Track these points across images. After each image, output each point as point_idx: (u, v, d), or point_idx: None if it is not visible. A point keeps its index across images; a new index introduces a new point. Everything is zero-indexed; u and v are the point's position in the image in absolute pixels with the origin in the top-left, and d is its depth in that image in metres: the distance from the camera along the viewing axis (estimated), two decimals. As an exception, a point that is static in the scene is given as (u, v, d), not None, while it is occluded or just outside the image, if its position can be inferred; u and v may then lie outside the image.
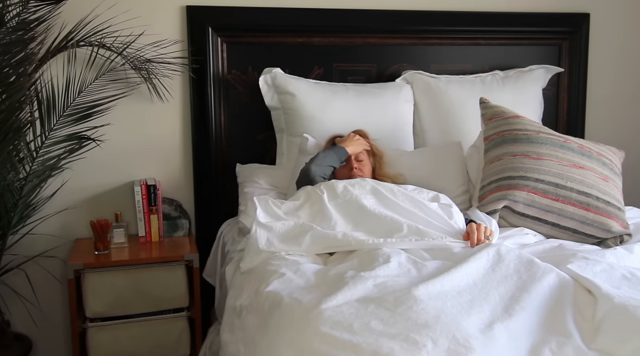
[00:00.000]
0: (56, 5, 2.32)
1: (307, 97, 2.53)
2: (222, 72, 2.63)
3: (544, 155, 2.18)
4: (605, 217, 2.11)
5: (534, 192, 2.12)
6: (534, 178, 2.13)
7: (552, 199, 2.11)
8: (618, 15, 3.11)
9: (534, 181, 2.12)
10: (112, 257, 2.39)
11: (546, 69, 2.88)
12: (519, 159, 2.17)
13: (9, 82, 2.14)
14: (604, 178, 2.19)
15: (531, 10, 2.94)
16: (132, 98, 2.56)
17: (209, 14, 2.58)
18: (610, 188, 2.18)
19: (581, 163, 2.19)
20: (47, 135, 2.36)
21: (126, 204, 2.62)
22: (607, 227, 2.11)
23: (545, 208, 2.12)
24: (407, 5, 2.82)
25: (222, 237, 2.48)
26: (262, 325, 1.52)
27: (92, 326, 2.36)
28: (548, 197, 2.11)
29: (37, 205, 2.44)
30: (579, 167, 2.17)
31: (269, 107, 2.59)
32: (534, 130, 2.27)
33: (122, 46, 2.42)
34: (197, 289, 2.44)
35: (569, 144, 2.24)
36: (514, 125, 2.29)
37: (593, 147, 2.28)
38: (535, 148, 2.19)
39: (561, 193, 2.11)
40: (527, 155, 2.18)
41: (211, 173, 2.66)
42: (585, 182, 2.14)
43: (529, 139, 2.22)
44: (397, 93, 2.68)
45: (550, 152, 2.19)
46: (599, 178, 2.17)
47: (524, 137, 2.23)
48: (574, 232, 2.12)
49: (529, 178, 2.13)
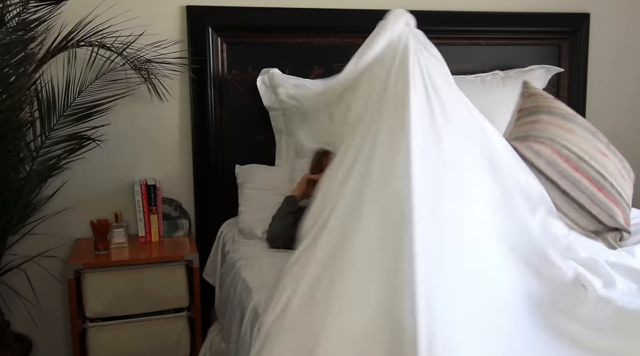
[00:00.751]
0: (56, 6, 2.32)
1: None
2: (222, 72, 2.63)
3: (576, 133, 2.22)
4: (613, 203, 2.14)
5: (557, 153, 2.14)
6: (561, 143, 2.16)
7: (572, 167, 2.14)
8: (618, 15, 3.12)
9: (561, 146, 2.16)
10: (112, 257, 2.39)
11: (546, 69, 2.89)
12: (551, 127, 2.21)
13: (9, 82, 2.14)
14: (622, 175, 2.23)
15: (531, 10, 2.95)
16: (132, 98, 2.56)
17: (209, 14, 2.58)
18: (626, 185, 2.23)
19: (607, 153, 2.23)
20: (47, 135, 2.36)
21: (126, 204, 2.62)
22: (612, 214, 2.13)
23: (563, 173, 2.14)
24: (407, 5, 2.79)
25: (222, 237, 2.48)
26: None
27: (92, 326, 2.36)
28: (569, 163, 2.14)
29: (37, 205, 2.44)
30: (603, 155, 2.21)
31: (267, 107, 2.59)
32: (571, 112, 2.32)
33: (122, 46, 2.42)
34: (197, 289, 2.44)
35: (598, 135, 2.28)
36: (553, 103, 2.34)
37: (617, 150, 2.32)
38: (568, 125, 2.24)
39: (582, 166, 2.14)
40: (559, 126, 2.22)
41: (211, 173, 2.66)
42: (606, 167, 2.18)
43: (565, 116, 2.27)
44: None
45: (582, 133, 2.23)
46: (618, 172, 2.22)
47: (559, 113, 2.28)
48: (580, 206, 2.14)
49: (556, 142, 2.16)
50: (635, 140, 3.21)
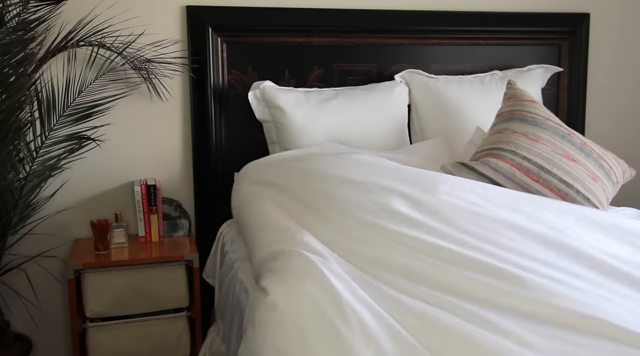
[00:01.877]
0: (56, 5, 2.32)
1: (296, 111, 2.50)
2: (222, 72, 2.63)
3: (541, 139, 2.24)
4: None
5: (517, 167, 2.17)
6: (522, 155, 2.19)
7: (532, 179, 2.17)
8: (618, 15, 3.12)
9: (521, 158, 2.19)
10: (112, 257, 2.39)
11: (545, 68, 2.89)
12: (516, 136, 2.25)
13: (9, 82, 2.14)
14: (594, 177, 2.23)
15: (531, 10, 2.95)
16: (132, 98, 2.57)
17: (209, 14, 2.58)
18: (597, 188, 2.22)
19: (576, 157, 2.24)
20: (47, 135, 2.36)
21: (126, 204, 2.62)
22: None
23: (524, 185, 2.17)
24: (407, 5, 2.82)
25: (222, 237, 2.48)
26: None
27: (92, 326, 2.36)
28: (529, 176, 2.17)
29: (37, 205, 2.44)
30: (571, 159, 2.22)
31: (260, 120, 2.59)
32: (543, 116, 2.33)
33: (122, 46, 2.42)
34: (197, 289, 2.44)
35: (571, 137, 2.29)
36: (527, 107, 2.35)
37: (596, 149, 2.32)
38: (536, 131, 2.26)
39: (543, 176, 2.17)
40: (525, 135, 2.25)
41: (211, 173, 2.66)
42: (571, 173, 2.19)
43: (534, 122, 2.29)
44: (389, 94, 2.67)
45: (549, 138, 2.25)
46: (588, 175, 2.22)
47: (530, 119, 2.30)
48: None
49: (517, 154, 2.19)
50: (636, 140, 3.22)
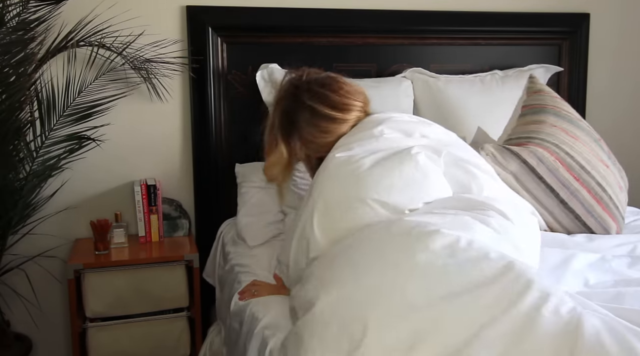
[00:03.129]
0: (56, 5, 2.32)
1: None
2: (222, 72, 2.63)
3: (580, 139, 2.20)
4: (609, 217, 2.13)
5: (561, 161, 2.12)
6: (565, 151, 2.14)
7: (573, 176, 2.12)
8: (618, 15, 3.12)
9: (565, 153, 2.13)
10: (112, 257, 2.39)
11: (545, 68, 2.89)
12: (557, 130, 2.18)
13: (9, 82, 2.14)
14: (620, 187, 2.22)
15: (531, 10, 2.94)
16: (132, 98, 2.56)
17: (209, 14, 2.58)
18: (623, 196, 2.22)
19: (608, 163, 2.22)
20: (47, 135, 2.36)
21: (126, 204, 2.62)
22: (607, 227, 2.12)
23: (564, 182, 2.11)
24: (407, 5, 2.82)
25: (222, 237, 2.48)
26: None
27: (92, 326, 2.36)
28: (571, 173, 2.12)
29: (37, 205, 2.44)
30: (605, 165, 2.20)
31: (266, 102, 2.58)
32: (577, 116, 2.29)
33: (122, 46, 2.42)
34: (197, 289, 2.44)
35: (601, 143, 2.27)
36: (560, 104, 2.31)
37: (616, 159, 2.31)
38: (574, 130, 2.21)
39: (583, 176, 2.12)
40: (565, 131, 2.19)
41: (211, 173, 2.66)
42: (606, 178, 2.16)
43: (571, 120, 2.24)
44: (397, 88, 2.68)
45: (586, 140, 2.21)
46: (616, 183, 2.21)
47: (566, 116, 2.25)
48: (576, 216, 2.13)
49: (561, 148, 2.14)
50: (635, 140, 3.22)
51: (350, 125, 1.82)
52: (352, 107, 1.83)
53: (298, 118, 1.82)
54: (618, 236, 2.08)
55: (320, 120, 1.79)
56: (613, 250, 1.93)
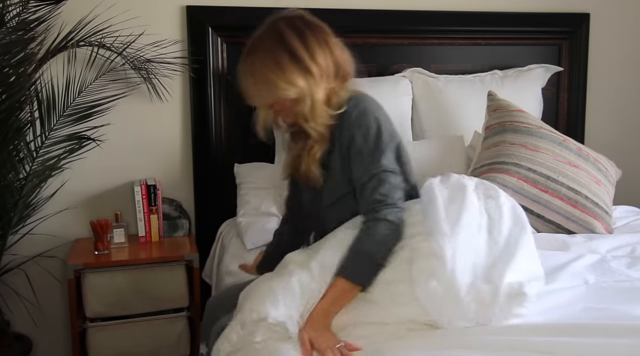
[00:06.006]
0: (56, 5, 2.32)
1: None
2: (222, 72, 2.63)
3: (541, 149, 2.21)
4: (591, 217, 2.13)
5: (524, 179, 2.14)
6: (526, 167, 2.16)
7: (541, 190, 2.13)
8: (618, 15, 3.11)
9: (526, 170, 2.15)
10: (112, 256, 2.39)
11: (545, 68, 2.89)
12: (515, 148, 2.21)
13: (9, 82, 2.14)
14: (597, 181, 2.21)
15: (531, 10, 2.94)
16: (132, 98, 2.56)
17: (209, 14, 2.58)
18: (601, 191, 2.21)
19: (576, 162, 2.21)
20: (47, 135, 2.36)
21: (126, 204, 2.62)
22: (591, 227, 2.13)
23: (533, 198, 2.13)
24: (407, 5, 2.82)
25: (222, 237, 2.48)
26: None
27: (92, 326, 2.36)
28: (537, 187, 2.14)
29: (37, 205, 2.44)
30: (573, 166, 2.20)
31: None
32: (536, 125, 2.31)
33: (122, 46, 2.42)
34: (197, 289, 2.44)
35: (567, 143, 2.27)
36: (517, 117, 2.32)
37: (590, 152, 2.31)
38: (534, 141, 2.23)
39: (551, 186, 2.14)
40: (524, 146, 2.21)
41: (211, 173, 2.66)
42: (577, 180, 2.17)
43: (529, 132, 2.26)
44: (395, 87, 2.68)
45: (548, 147, 2.22)
46: (591, 180, 2.20)
47: (524, 129, 2.27)
48: (557, 226, 2.14)
49: (521, 166, 2.16)
50: (636, 139, 3.21)
51: (321, 92, 1.58)
52: (327, 62, 1.61)
53: (268, 46, 1.58)
54: (618, 236, 2.07)
55: (284, 53, 1.55)
56: (613, 251, 1.93)
